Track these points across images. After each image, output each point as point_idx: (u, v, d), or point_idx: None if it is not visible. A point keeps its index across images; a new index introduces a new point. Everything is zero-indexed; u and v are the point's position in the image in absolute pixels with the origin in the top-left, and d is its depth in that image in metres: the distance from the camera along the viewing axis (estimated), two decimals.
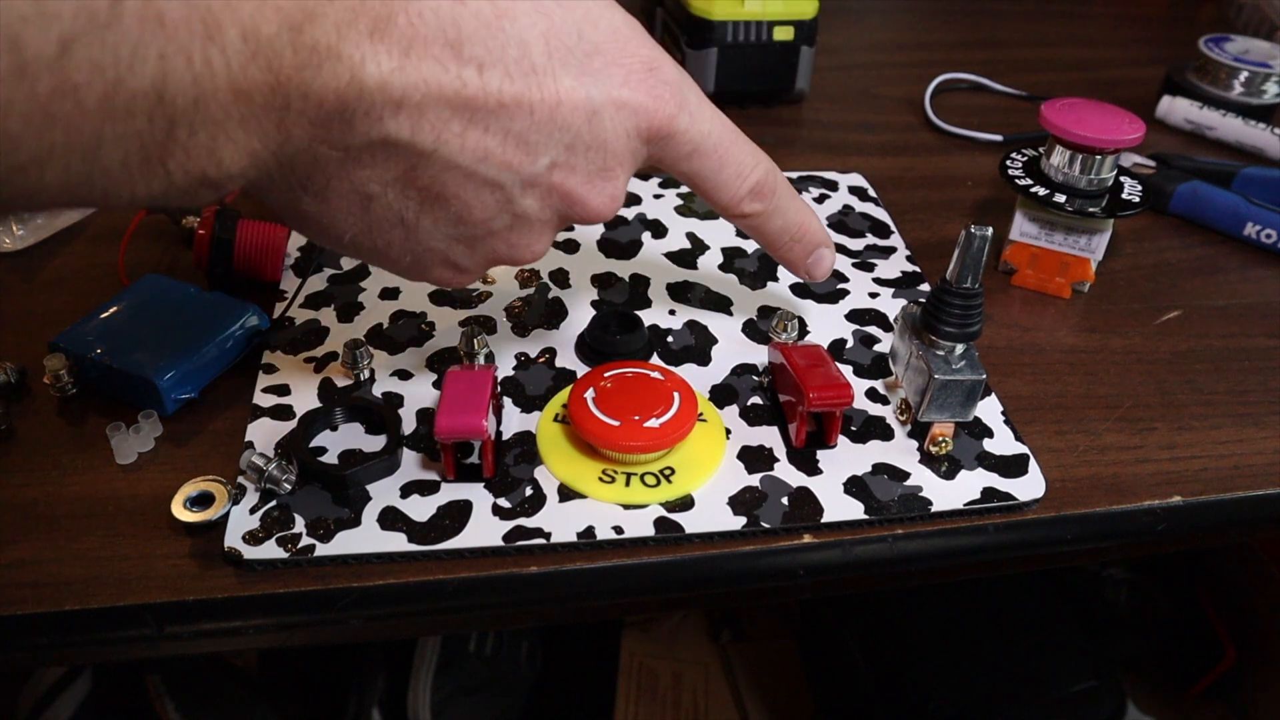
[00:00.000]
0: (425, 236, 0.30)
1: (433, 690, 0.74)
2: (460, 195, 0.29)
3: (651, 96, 0.31)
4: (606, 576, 0.34)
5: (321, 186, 0.28)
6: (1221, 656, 0.79)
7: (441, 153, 0.28)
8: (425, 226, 0.30)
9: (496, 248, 0.32)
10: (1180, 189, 0.54)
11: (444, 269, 0.32)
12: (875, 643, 0.75)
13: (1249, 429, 0.41)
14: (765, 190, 0.36)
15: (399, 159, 0.28)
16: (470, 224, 0.30)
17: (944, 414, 0.37)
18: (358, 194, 0.28)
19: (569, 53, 0.29)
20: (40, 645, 0.31)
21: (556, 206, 0.31)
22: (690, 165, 0.34)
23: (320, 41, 0.24)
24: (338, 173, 0.28)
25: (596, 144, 0.30)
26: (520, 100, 0.28)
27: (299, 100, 0.25)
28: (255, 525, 0.33)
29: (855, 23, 0.80)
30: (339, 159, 0.27)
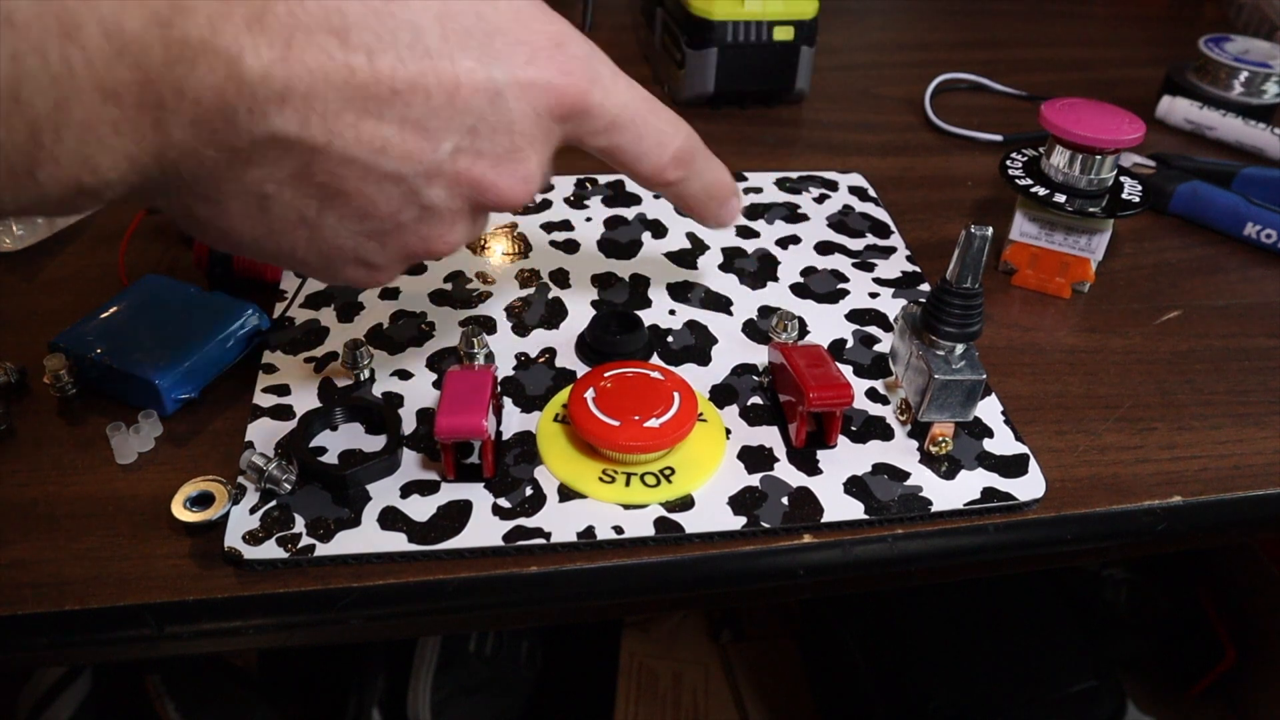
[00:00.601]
0: (331, 235, 0.29)
1: (433, 690, 0.74)
2: (361, 190, 0.28)
3: (560, 73, 0.30)
4: (606, 576, 0.34)
5: (212, 190, 0.27)
6: (1221, 656, 0.79)
7: (336, 146, 0.26)
8: (329, 224, 0.29)
9: (409, 241, 0.30)
10: (1180, 189, 0.54)
11: (356, 268, 0.31)
12: (875, 643, 0.75)
13: (1249, 429, 0.41)
14: (686, 156, 0.35)
15: (291, 156, 0.26)
16: (376, 219, 0.29)
17: (944, 414, 0.37)
18: (252, 195, 0.27)
19: (467, 34, 0.27)
20: (40, 645, 0.31)
21: (466, 194, 0.30)
22: (609, 140, 0.33)
23: (192, 35, 0.23)
24: (228, 174, 0.26)
25: (502, 126, 0.29)
26: (415, 84, 0.26)
27: (174, 99, 0.23)
28: (255, 525, 0.33)
29: (855, 23, 0.80)
30: (227, 160, 0.26)
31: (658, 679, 0.81)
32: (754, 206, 0.53)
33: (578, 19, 0.70)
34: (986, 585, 0.77)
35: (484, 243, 0.48)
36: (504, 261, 0.47)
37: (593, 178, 0.54)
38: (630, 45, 0.72)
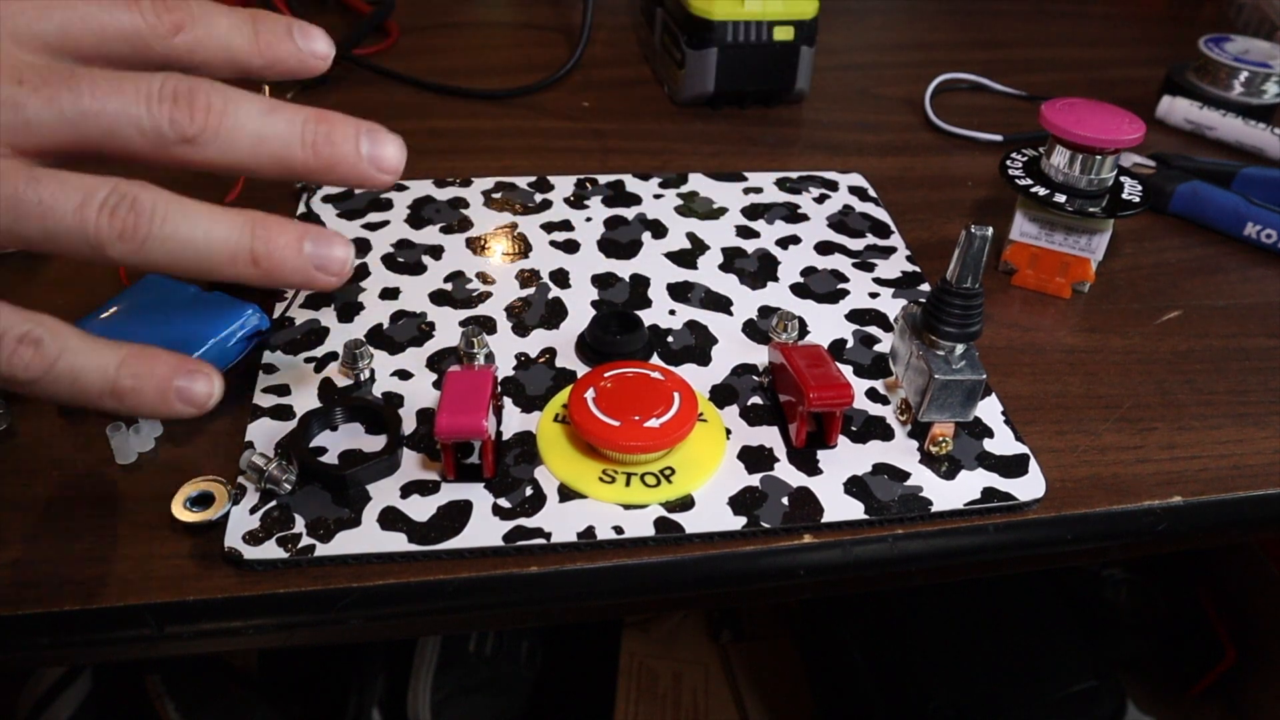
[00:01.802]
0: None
1: (433, 690, 0.74)
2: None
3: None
4: (606, 576, 0.34)
5: None
6: (1221, 656, 0.79)
7: None
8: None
9: None
10: (1180, 189, 0.54)
11: None
12: (875, 643, 0.75)
13: (1249, 429, 0.41)
14: (170, 3, 0.28)
15: None
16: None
17: (944, 414, 0.37)
18: None
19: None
20: (40, 645, 0.31)
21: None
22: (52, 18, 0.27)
23: None
24: None
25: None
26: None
27: None
28: (255, 525, 0.33)
29: (855, 23, 0.80)
30: None
31: (658, 679, 0.81)
32: (754, 206, 0.53)
33: (577, 19, 0.70)
34: (986, 585, 0.77)
35: (484, 243, 0.49)
36: (504, 261, 0.47)
37: (593, 178, 0.54)
38: (630, 45, 0.72)
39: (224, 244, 0.28)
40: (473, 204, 0.51)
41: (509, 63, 0.69)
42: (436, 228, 0.49)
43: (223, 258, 0.28)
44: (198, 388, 0.29)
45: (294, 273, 0.29)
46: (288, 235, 0.29)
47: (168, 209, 0.27)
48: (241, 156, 0.28)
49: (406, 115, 0.61)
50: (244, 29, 0.29)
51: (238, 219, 0.28)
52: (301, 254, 0.29)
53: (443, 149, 0.57)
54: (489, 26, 0.76)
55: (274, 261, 0.28)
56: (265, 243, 0.28)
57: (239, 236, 0.28)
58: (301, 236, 0.29)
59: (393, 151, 0.30)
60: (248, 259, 0.28)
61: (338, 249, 0.30)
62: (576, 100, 0.64)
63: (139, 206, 0.27)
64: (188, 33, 0.28)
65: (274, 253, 0.28)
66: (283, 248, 0.29)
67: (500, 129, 0.60)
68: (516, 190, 0.53)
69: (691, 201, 0.53)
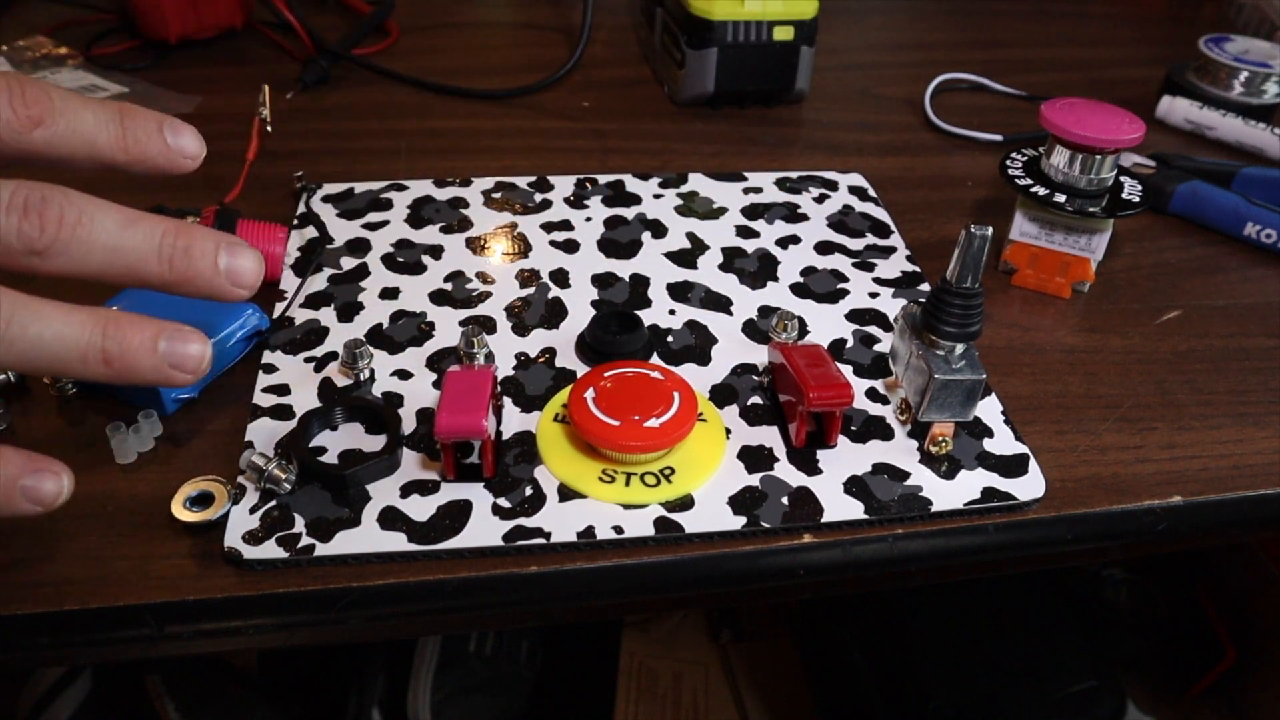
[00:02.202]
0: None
1: (433, 690, 0.74)
2: None
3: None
4: (606, 576, 0.34)
5: None
6: (1221, 656, 0.79)
7: None
8: None
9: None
10: (1180, 189, 0.54)
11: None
12: (875, 643, 0.75)
13: (1249, 429, 0.41)
14: (33, 92, 0.27)
15: None
16: None
17: (944, 414, 0.37)
18: None
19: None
20: (40, 645, 0.31)
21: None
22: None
23: None
24: None
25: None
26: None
27: None
28: (255, 525, 0.33)
29: (855, 23, 0.80)
30: None
31: (658, 679, 0.81)
32: (754, 206, 0.53)
33: (577, 19, 0.70)
34: (986, 585, 0.77)
35: (484, 243, 0.49)
36: (504, 261, 0.47)
37: (593, 178, 0.54)
38: (630, 45, 0.72)
39: (75, 344, 0.27)
40: (473, 204, 0.51)
41: (509, 63, 0.69)
42: (436, 227, 0.49)
43: (73, 357, 0.27)
44: (46, 486, 0.28)
45: (148, 371, 0.29)
46: (142, 334, 0.28)
47: (14, 310, 0.26)
48: (94, 268, 0.28)
49: (406, 115, 0.61)
50: (111, 125, 0.29)
51: (89, 318, 0.28)
52: (155, 353, 0.29)
53: (443, 149, 0.57)
54: (489, 26, 0.76)
55: (126, 362, 0.28)
56: (118, 342, 0.28)
57: (89, 336, 0.28)
58: (156, 335, 0.29)
59: (250, 266, 0.30)
60: (99, 359, 0.28)
61: (193, 346, 0.29)
62: (576, 100, 0.64)
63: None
64: (47, 128, 0.27)
65: (126, 353, 0.28)
66: (135, 348, 0.28)
67: (500, 129, 0.60)
68: (516, 190, 0.53)
69: (691, 201, 0.53)
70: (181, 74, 0.64)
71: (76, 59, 0.65)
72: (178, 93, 0.61)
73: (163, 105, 0.60)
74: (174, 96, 0.61)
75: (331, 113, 0.61)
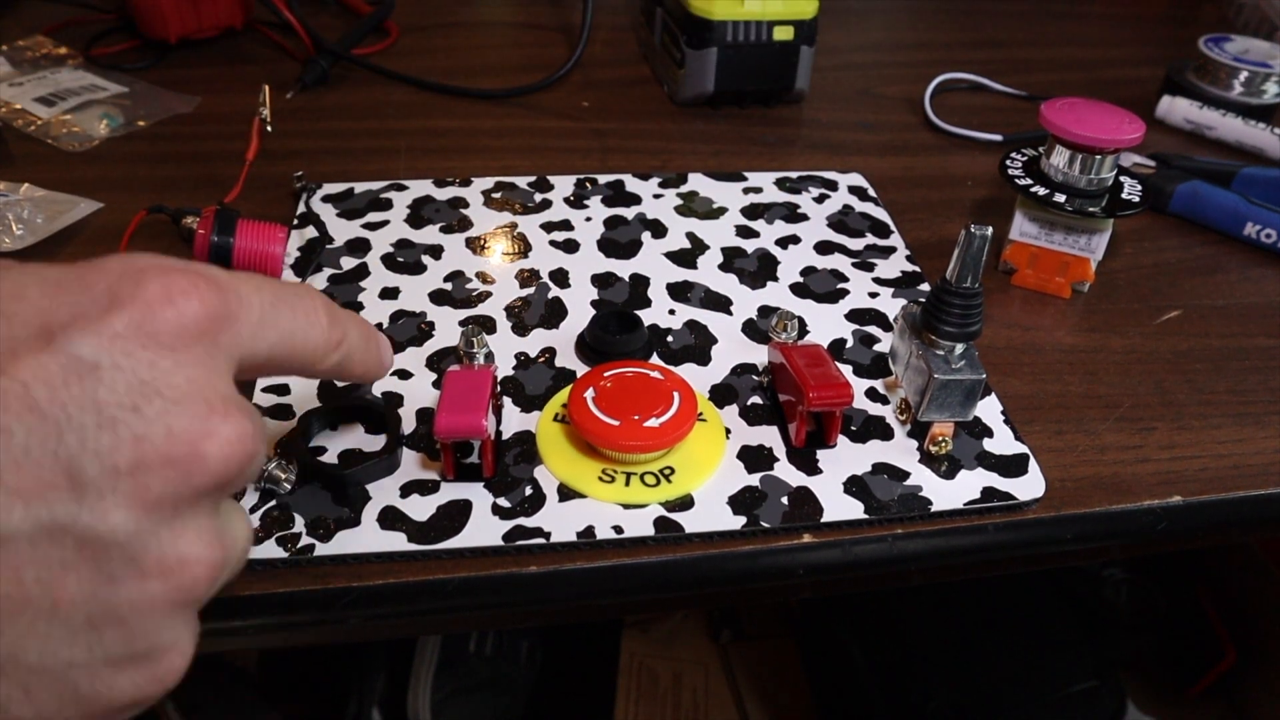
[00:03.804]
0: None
1: (433, 690, 0.74)
2: None
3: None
4: (606, 576, 0.34)
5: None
6: (1221, 656, 0.79)
7: None
8: None
9: None
10: (1180, 189, 0.54)
11: None
12: (875, 643, 0.76)
13: (1249, 429, 0.41)
14: (334, 314, 0.28)
15: None
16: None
17: (944, 414, 0.37)
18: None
19: None
20: None
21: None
22: (274, 333, 0.25)
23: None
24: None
25: None
26: None
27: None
28: (255, 525, 0.33)
29: (855, 23, 0.80)
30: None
31: (658, 679, 0.81)
32: (754, 206, 0.53)
33: (577, 19, 0.70)
34: (986, 585, 0.77)
35: (484, 242, 0.49)
36: (504, 261, 0.47)
37: (592, 178, 0.54)
38: (630, 45, 0.72)
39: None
40: (473, 204, 0.51)
41: (509, 63, 0.69)
42: (436, 227, 0.49)
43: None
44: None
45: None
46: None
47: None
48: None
49: (406, 115, 0.61)
50: (368, 343, 0.30)
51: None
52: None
53: (443, 149, 0.57)
54: (489, 26, 0.76)
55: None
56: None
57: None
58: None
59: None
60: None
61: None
62: (576, 100, 0.64)
63: None
64: (340, 350, 0.28)
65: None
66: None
67: (500, 129, 0.60)
68: (516, 190, 0.53)
69: (691, 201, 0.53)
70: (181, 74, 0.64)
71: (76, 59, 0.65)
72: (178, 93, 0.61)
73: (163, 105, 0.60)
74: (174, 96, 0.61)
75: (331, 113, 0.61)
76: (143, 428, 0.21)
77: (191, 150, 0.56)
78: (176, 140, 0.57)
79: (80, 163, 0.54)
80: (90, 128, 0.57)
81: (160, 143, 0.57)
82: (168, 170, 0.54)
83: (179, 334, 0.22)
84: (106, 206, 0.50)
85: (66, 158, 0.54)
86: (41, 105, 0.58)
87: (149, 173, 0.54)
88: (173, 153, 0.56)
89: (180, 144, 0.56)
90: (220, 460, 0.22)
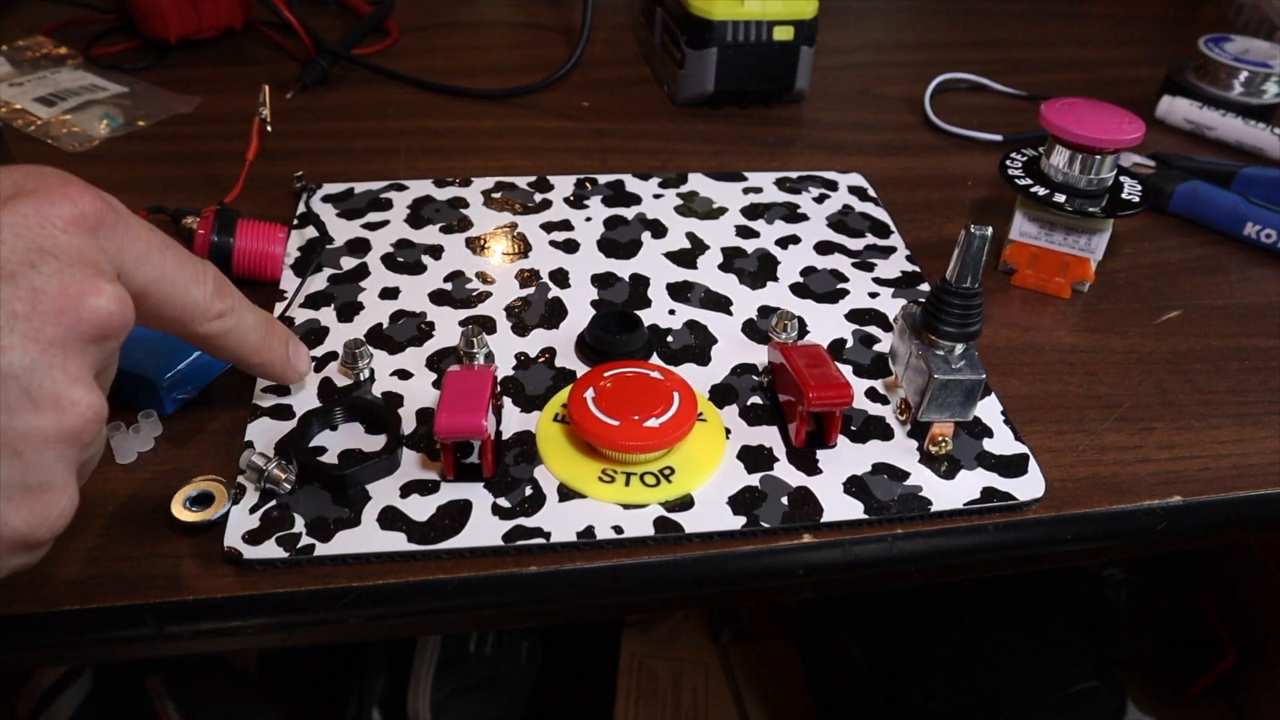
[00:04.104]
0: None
1: (433, 690, 0.74)
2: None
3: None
4: (606, 576, 0.34)
5: None
6: (1221, 656, 0.79)
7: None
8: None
9: None
10: (1180, 189, 0.54)
11: None
12: (875, 643, 0.75)
13: (1249, 429, 0.41)
14: (225, 285, 0.31)
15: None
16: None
17: (944, 414, 0.37)
18: None
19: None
20: (40, 645, 0.31)
21: None
22: (152, 269, 0.28)
23: None
24: None
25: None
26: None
27: None
28: (255, 525, 0.33)
29: (855, 23, 0.80)
30: None
31: (658, 679, 0.81)
32: (754, 206, 0.53)
33: (577, 19, 0.70)
34: (986, 585, 0.77)
35: (484, 242, 0.49)
36: (504, 261, 0.47)
37: (592, 178, 0.54)
38: (630, 45, 0.72)
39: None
40: (473, 204, 0.51)
41: (509, 63, 0.69)
42: (436, 227, 0.49)
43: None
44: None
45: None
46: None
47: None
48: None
49: (406, 115, 0.61)
50: (259, 330, 0.34)
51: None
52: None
53: (443, 149, 0.57)
54: (489, 26, 0.76)
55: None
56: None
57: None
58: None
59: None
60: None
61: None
62: (576, 100, 0.64)
63: None
64: (224, 321, 0.32)
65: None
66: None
67: (500, 129, 0.60)
68: (516, 190, 0.53)
69: (691, 201, 0.53)
70: (181, 74, 0.64)
71: (76, 59, 0.65)
72: (178, 93, 0.61)
73: (163, 105, 0.60)
74: (174, 96, 0.61)
75: (331, 113, 0.61)
76: (40, 281, 0.25)
77: (191, 150, 0.56)
78: (176, 140, 0.57)
79: (80, 163, 0.54)
80: (90, 128, 0.57)
81: (160, 143, 0.57)
82: (168, 170, 0.54)
83: (71, 219, 0.26)
84: None
85: (66, 158, 0.55)
86: (41, 105, 0.58)
87: (149, 173, 0.54)
88: (173, 153, 0.56)
89: (180, 144, 0.56)
90: (105, 312, 0.26)
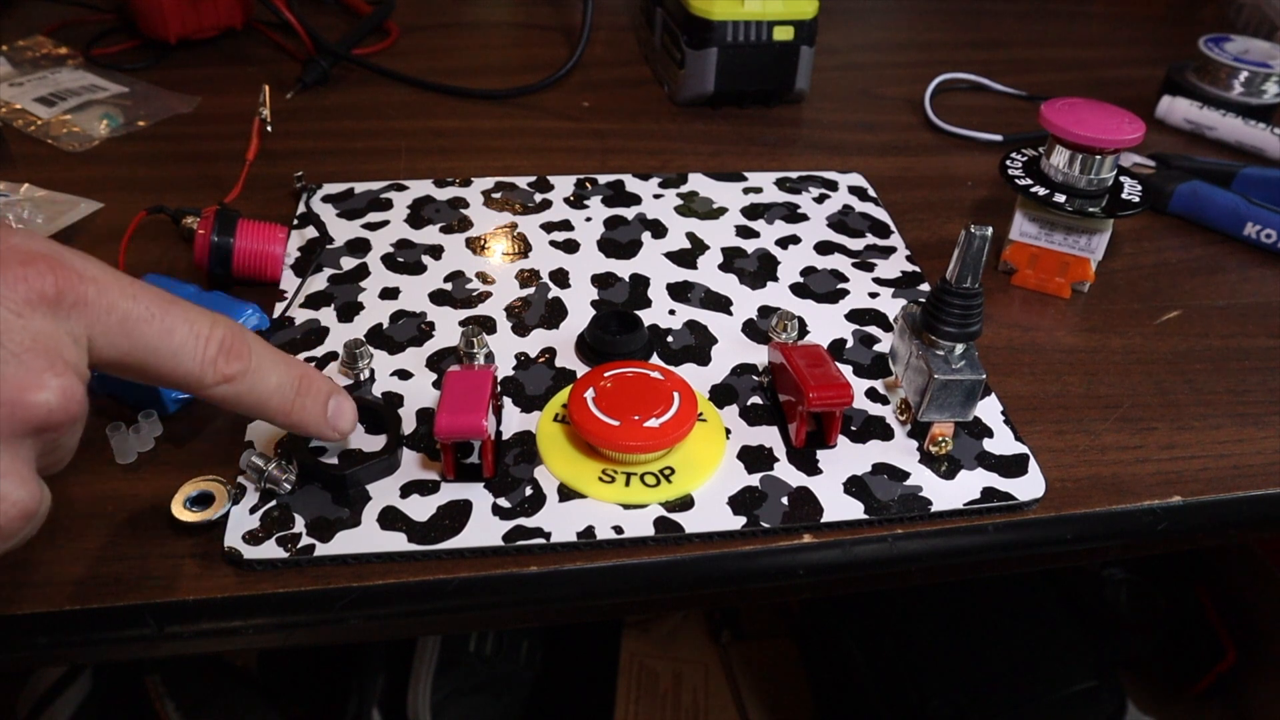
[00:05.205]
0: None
1: (433, 690, 0.74)
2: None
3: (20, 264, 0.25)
4: (606, 576, 0.34)
5: None
6: (1221, 656, 0.79)
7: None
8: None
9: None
10: (1180, 189, 0.54)
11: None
12: (875, 643, 0.75)
13: (1249, 429, 0.41)
14: (238, 347, 0.29)
15: None
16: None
17: (944, 414, 0.37)
18: None
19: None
20: (40, 645, 0.31)
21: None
22: (129, 340, 0.27)
23: None
24: None
25: None
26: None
27: None
28: (255, 525, 0.33)
29: (855, 23, 0.80)
30: None
31: (658, 679, 0.81)
32: (754, 206, 0.53)
33: (578, 19, 0.70)
34: (986, 585, 0.77)
35: (484, 243, 0.49)
36: (504, 261, 0.47)
37: (593, 178, 0.54)
38: (630, 45, 0.72)
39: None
40: (473, 204, 0.51)
41: (509, 63, 0.69)
42: (436, 227, 0.49)
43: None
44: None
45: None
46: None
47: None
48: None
49: (406, 115, 0.61)
50: (285, 392, 0.31)
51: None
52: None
53: (443, 149, 0.57)
54: (489, 26, 0.76)
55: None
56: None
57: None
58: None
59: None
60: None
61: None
62: (576, 100, 0.64)
63: None
64: (233, 385, 0.29)
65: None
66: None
67: (500, 129, 0.60)
68: (516, 190, 0.53)
69: (691, 201, 0.53)
70: (181, 74, 0.64)
71: (76, 59, 0.65)
72: (178, 93, 0.61)
73: (163, 105, 0.60)
74: (174, 96, 0.61)
75: (331, 113, 0.61)
76: None
77: (191, 150, 0.56)
78: (176, 140, 0.57)
79: (80, 163, 0.54)
80: (90, 128, 0.57)
81: (160, 143, 0.57)
82: (168, 170, 0.54)
83: (27, 300, 0.24)
84: (106, 207, 0.50)
85: (66, 158, 0.55)
86: (41, 105, 0.58)
87: (149, 173, 0.54)
88: (173, 153, 0.56)
89: (180, 144, 0.56)
90: (45, 409, 0.24)
